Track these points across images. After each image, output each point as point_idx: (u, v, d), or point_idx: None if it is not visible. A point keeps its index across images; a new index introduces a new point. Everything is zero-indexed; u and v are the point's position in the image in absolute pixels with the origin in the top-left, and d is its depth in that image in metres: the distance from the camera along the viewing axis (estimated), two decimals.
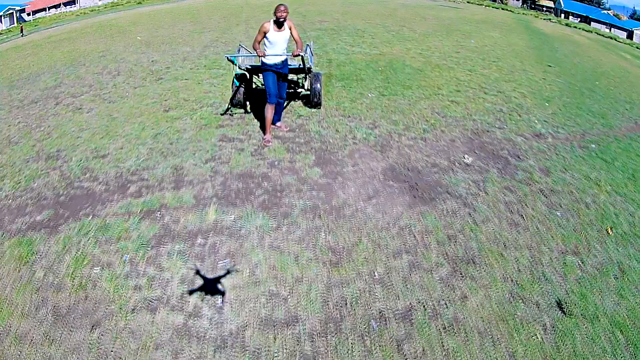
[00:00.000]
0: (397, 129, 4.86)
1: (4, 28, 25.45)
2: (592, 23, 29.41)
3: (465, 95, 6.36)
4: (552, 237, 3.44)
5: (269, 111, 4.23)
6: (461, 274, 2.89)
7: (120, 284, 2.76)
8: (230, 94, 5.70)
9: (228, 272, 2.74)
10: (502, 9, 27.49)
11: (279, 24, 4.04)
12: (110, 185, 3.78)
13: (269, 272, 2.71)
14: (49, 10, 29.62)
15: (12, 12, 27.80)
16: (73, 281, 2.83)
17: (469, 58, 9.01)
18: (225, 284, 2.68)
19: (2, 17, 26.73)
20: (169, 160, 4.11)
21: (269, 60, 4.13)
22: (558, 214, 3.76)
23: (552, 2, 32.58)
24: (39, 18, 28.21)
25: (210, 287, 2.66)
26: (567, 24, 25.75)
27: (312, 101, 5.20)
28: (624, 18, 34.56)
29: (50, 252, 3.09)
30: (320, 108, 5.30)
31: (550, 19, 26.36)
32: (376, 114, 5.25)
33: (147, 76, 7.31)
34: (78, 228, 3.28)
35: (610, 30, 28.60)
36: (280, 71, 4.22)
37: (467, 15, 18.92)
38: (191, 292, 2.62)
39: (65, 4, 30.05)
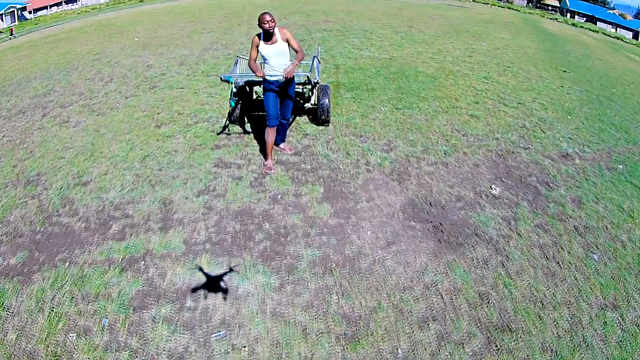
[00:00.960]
0: (415, 152, 4.32)
1: (5, 26, 24.67)
2: (597, 23, 28.51)
3: (484, 107, 5.81)
4: (591, 288, 2.97)
5: (270, 135, 3.70)
6: (496, 345, 2.41)
7: (98, 357, 2.29)
8: (228, 107, 5.18)
9: (222, 344, 2.26)
10: (508, 8, 26.59)
11: (268, 36, 3.49)
12: (90, 222, 3.28)
13: (271, 351, 2.23)
14: (50, 8, 28.71)
15: (14, 10, 26.96)
16: (47, 349, 2.37)
17: (482, 63, 8.42)
18: None
19: (3, 15, 25.92)
20: (157, 190, 3.60)
21: (270, 77, 3.60)
22: (595, 257, 3.27)
23: (557, 1, 31.59)
24: (40, 16, 27.33)
25: None
26: (573, 24, 24.90)
27: (319, 118, 4.62)
28: (629, 17, 33.60)
29: (23, 309, 2.61)
30: (328, 125, 4.75)
31: (556, 19, 25.50)
32: (391, 132, 4.71)
33: (141, 83, 6.75)
34: (53, 278, 2.80)
35: (616, 30, 27.72)
36: (283, 89, 3.68)
37: (474, 15, 18.18)
38: None
39: (66, 2, 29.12)
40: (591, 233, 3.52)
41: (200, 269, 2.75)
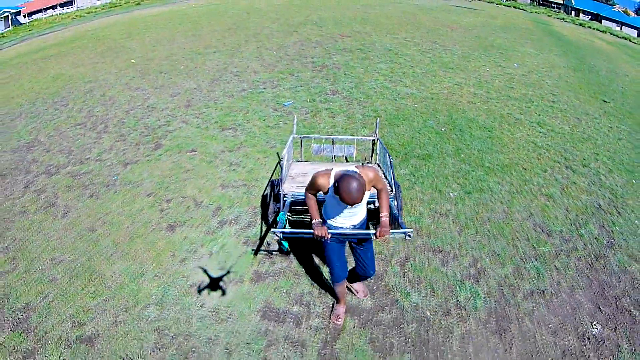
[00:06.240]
0: (506, 275, 3.12)
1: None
2: (602, 21, 26.94)
3: (554, 179, 4.60)
4: None
5: (339, 287, 2.51)
6: None
7: None
8: (259, 194, 3.91)
9: None
10: (514, 7, 24.87)
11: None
12: None
13: None
14: (45, 11, 26.07)
15: (7, 15, 24.41)
16: None
17: (528, 99, 7.16)
18: None
19: None
20: None
21: (335, 222, 2.33)
22: None
23: None
24: (34, 20, 24.74)
25: None
26: (580, 24, 23.36)
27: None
28: (631, 14, 32.03)
29: None
30: None
31: (564, 19, 23.90)
32: (471, 239, 3.48)
33: (141, 139, 5.38)
34: None
35: (621, 28, 26.21)
36: (355, 237, 2.37)
37: (488, 20, 16.62)
38: None
39: (61, 5, 26.41)
40: None
41: None
